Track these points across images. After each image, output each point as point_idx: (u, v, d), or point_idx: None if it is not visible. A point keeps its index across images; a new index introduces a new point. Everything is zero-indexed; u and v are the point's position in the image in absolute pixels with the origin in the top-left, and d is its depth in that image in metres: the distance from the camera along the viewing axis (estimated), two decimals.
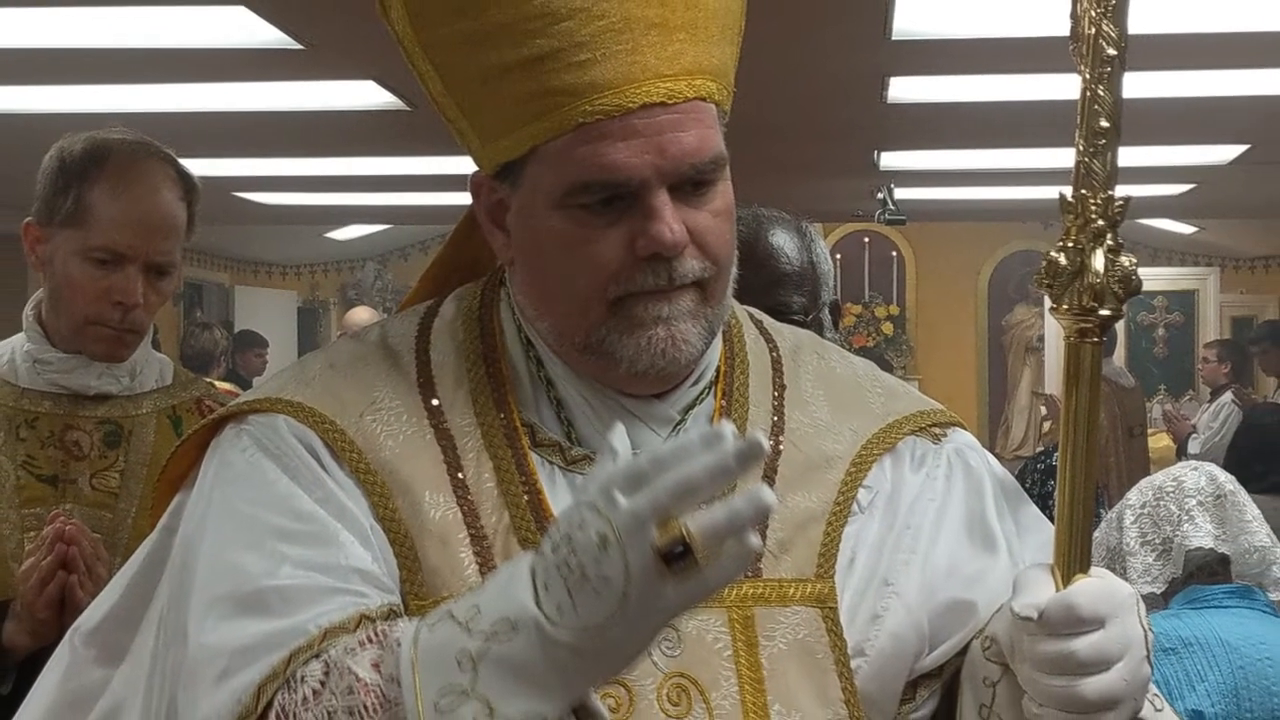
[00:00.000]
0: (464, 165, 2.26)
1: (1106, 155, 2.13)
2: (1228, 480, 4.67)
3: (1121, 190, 2.14)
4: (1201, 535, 4.54)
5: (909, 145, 11.27)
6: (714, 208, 2.17)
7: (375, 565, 2.12)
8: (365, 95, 8.83)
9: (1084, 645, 2.04)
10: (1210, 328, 18.76)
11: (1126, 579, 2.97)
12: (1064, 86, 2.24)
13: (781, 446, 2.31)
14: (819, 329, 3.60)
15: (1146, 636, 2.10)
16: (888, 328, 19.96)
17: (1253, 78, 8.46)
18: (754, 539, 1.80)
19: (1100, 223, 2.13)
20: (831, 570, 2.25)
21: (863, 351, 11.25)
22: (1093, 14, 2.12)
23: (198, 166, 3.90)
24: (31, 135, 5.15)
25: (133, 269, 3.62)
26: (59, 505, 3.62)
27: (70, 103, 8.60)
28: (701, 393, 2.30)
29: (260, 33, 7.22)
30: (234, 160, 11.51)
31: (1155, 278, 18.93)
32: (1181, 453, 13.89)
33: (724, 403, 2.31)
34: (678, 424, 2.27)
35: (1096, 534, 3.87)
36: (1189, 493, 4.59)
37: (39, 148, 3.77)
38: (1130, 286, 2.14)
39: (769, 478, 2.25)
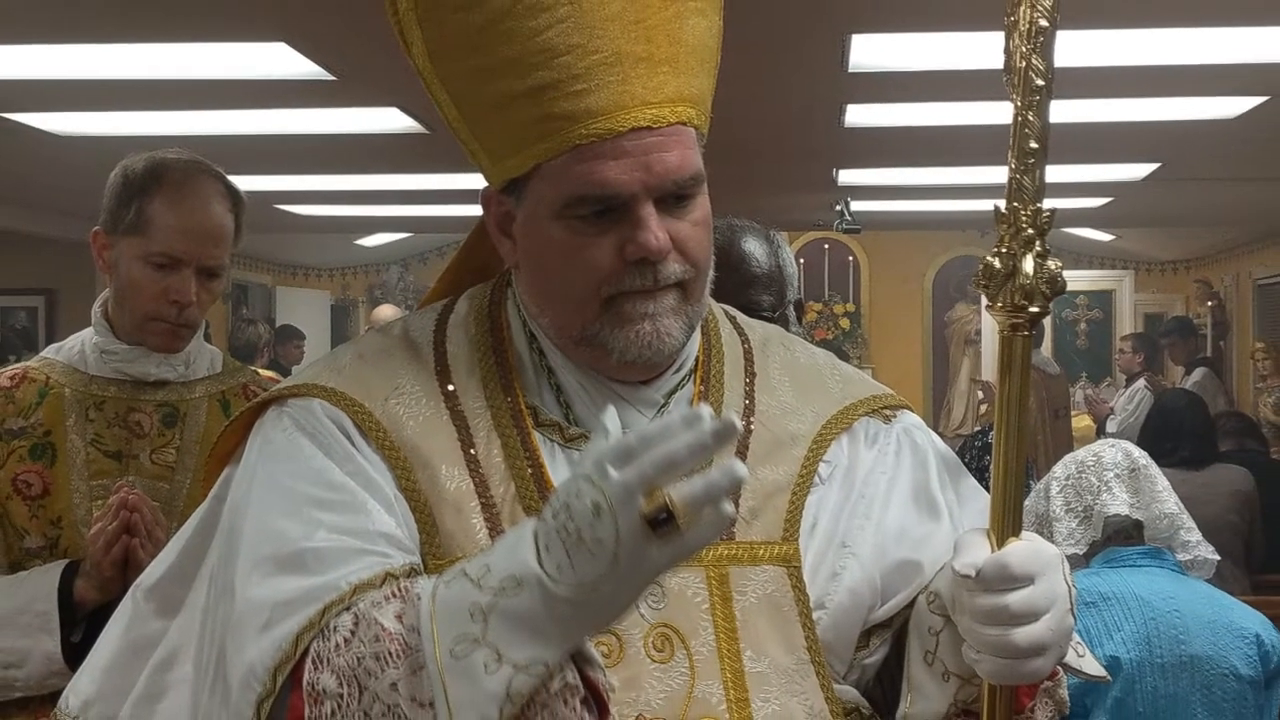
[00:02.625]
0: (476, 181, 2.26)
1: (1035, 172, 2.13)
2: (1141, 456, 4.67)
3: (1048, 203, 2.14)
4: (1118, 504, 4.55)
5: (864, 164, 11.26)
6: (693, 218, 2.18)
7: (398, 530, 2.13)
8: (389, 120, 8.82)
9: (1016, 599, 2.05)
10: (1126, 323, 18.75)
11: (1053, 542, 2.98)
12: (999, 112, 2.24)
13: (752, 426, 2.31)
14: (785, 324, 3.60)
15: (1070, 592, 2.12)
16: (845, 323, 19.94)
17: (1162, 105, 8.47)
18: (728, 507, 1.80)
19: (1030, 231, 2.13)
20: (796, 534, 2.26)
21: (823, 344, 11.30)
22: (1023, 50, 2.12)
23: (244, 182, 3.90)
24: (99, 155, 5.15)
25: (187, 271, 3.62)
26: (123, 477, 3.62)
27: (133, 127, 8.59)
28: (683, 379, 2.30)
29: (298, 66, 7.22)
30: (275, 177, 11.50)
31: (1077, 279, 18.93)
32: (1101, 432, 13.89)
33: (702, 388, 2.31)
34: (662, 406, 2.27)
35: (1026, 502, 3.88)
36: (1107, 466, 4.59)
37: (106, 166, 3.77)
38: (1056, 287, 2.14)
39: (741, 453, 2.26)
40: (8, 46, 6.88)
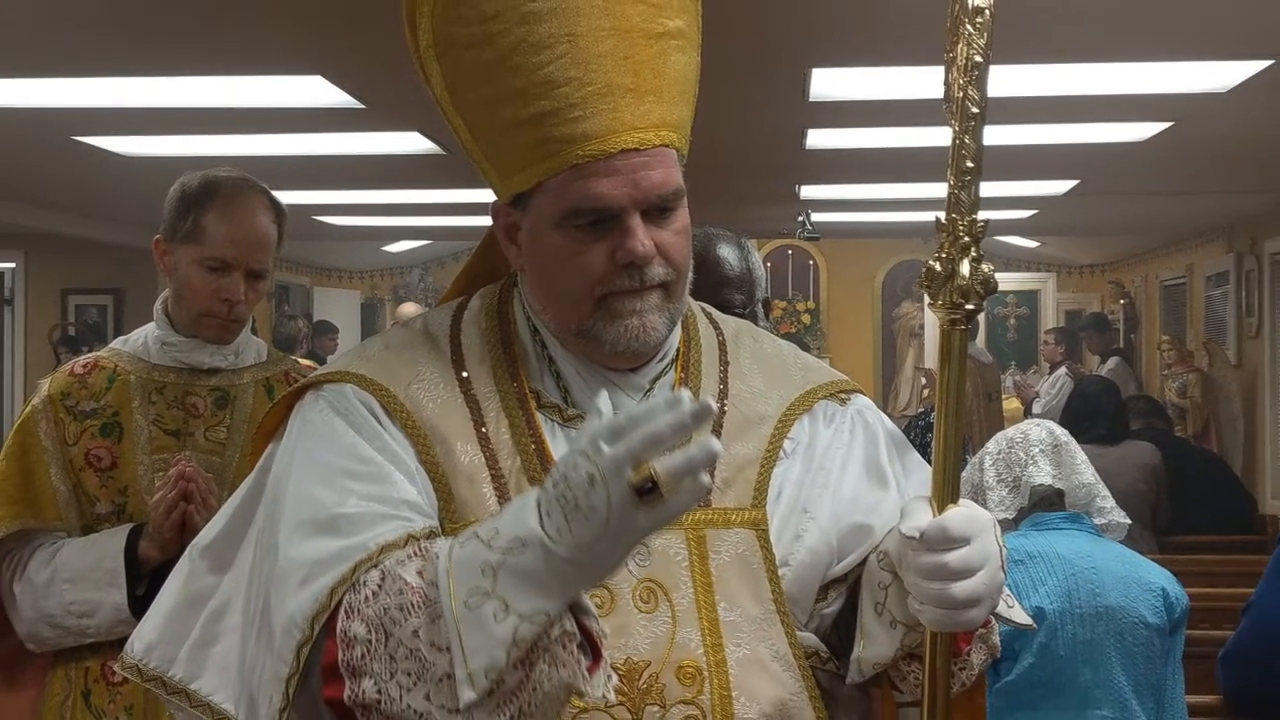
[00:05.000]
0: (486, 196, 2.26)
1: (971, 188, 2.13)
2: (1063, 433, 4.68)
3: (982, 214, 2.14)
4: (1043, 475, 4.55)
5: (822, 180, 11.25)
6: (675, 228, 2.18)
7: (419, 498, 2.13)
8: (412, 143, 8.81)
9: (954, 558, 2.05)
10: (1049, 318, 18.76)
11: (986, 508, 2.98)
12: (940, 136, 2.24)
13: (726, 408, 2.31)
14: (754, 319, 3.60)
15: (1001, 551, 2.12)
16: (806, 319, 19.91)
17: (1081, 129, 8.47)
18: (705, 478, 1.80)
19: (966, 239, 2.13)
20: (764, 501, 2.26)
21: (787, 337, 11.29)
22: (961, 82, 2.12)
23: (286, 197, 3.89)
24: (160, 173, 5.14)
25: (236, 274, 3.63)
26: (181, 452, 3.61)
27: (189, 148, 8.59)
28: (666, 367, 2.30)
29: (332, 96, 7.21)
30: (313, 192, 11.48)
31: (1007, 281, 18.93)
32: (1028, 413, 13.92)
33: (682, 375, 2.31)
34: (647, 391, 2.27)
35: (963, 474, 3.88)
36: (1033, 442, 4.59)
37: (165, 182, 3.77)
38: (989, 287, 2.15)
39: (716, 431, 2.26)
40: (82, 80, 6.88)
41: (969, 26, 2.12)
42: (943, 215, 2.15)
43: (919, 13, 5.32)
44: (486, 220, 2.33)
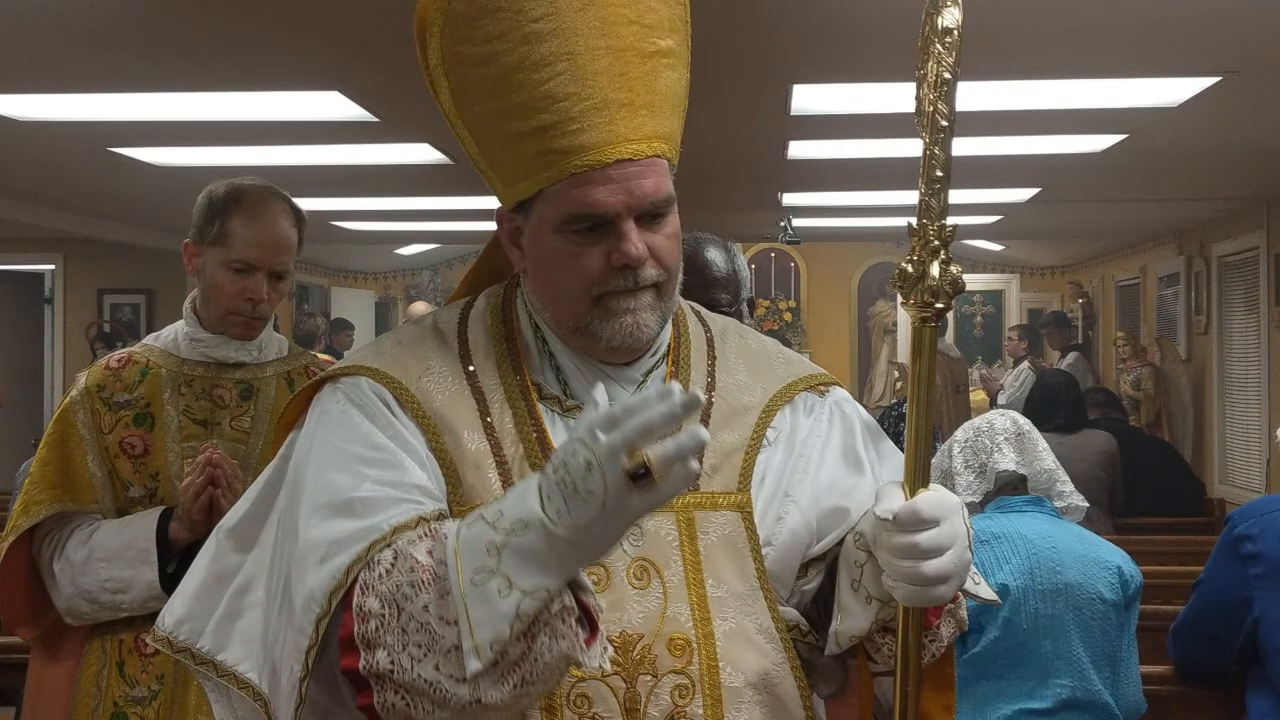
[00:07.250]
0: (491, 203, 2.26)
1: (941, 196, 2.13)
2: (1025, 423, 4.67)
3: (950, 220, 2.14)
4: (1007, 461, 4.55)
5: (803, 189, 11.25)
6: (666, 232, 2.18)
7: (430, 482, 2.13)
8: (423, 154, 8.81)
9: (924, 538, 2.05)
10: (1013, 316, 18.78)
11: (954, 493, 2.97)
12: (912, 147, 2.25)
13: (713, 399, 2.31)
14: (739, 317, 3.61)
15: (968, 532, 2.12)
16: (788, 316, 19.92)
17: (1042, 141, 8.48)
18: (694, 464, 1.81)
19: (936, 243, 2.13)
20: (749, 486, 2.26)
21: (770, 333, 11.26)
22: (931, 97, 2.12)
23: (306, 203, 3.89)
24: (189, 181, 5.14)
25: (260, 275, 3.63)
26: (208, 440, 3.62)
27: (216, 159, 8.58)
28: (658, 361, 2.30)
29: (349, 110, 7.21)
30: (331, 199, 11.48)
31: (974, 281, 18.96)
32: (993, 404, 13.91)
33: (673, 368, 2.31)
34: (640, 383, 2.27)
35: (934, 460, 3.88)
36: (998, 431, 4.59)
37: (194, 190, 3.77)
38: (957, 288, 2.15)
39: (705, 421, 2.26)
40: (118, 95, 6.88)
41: (939, 46, 2.12)
42: (914, 221, 2.15)
43: (892, 33, 5.33)
44: (492, 225, 2.32)
